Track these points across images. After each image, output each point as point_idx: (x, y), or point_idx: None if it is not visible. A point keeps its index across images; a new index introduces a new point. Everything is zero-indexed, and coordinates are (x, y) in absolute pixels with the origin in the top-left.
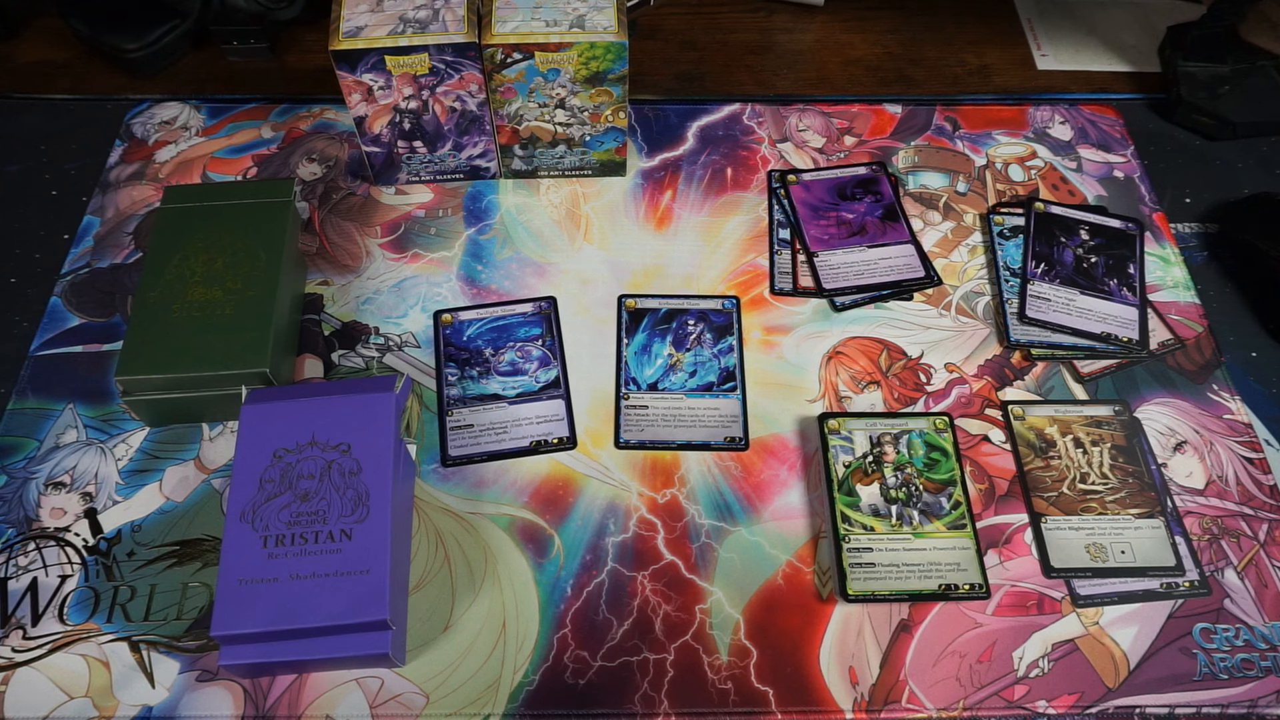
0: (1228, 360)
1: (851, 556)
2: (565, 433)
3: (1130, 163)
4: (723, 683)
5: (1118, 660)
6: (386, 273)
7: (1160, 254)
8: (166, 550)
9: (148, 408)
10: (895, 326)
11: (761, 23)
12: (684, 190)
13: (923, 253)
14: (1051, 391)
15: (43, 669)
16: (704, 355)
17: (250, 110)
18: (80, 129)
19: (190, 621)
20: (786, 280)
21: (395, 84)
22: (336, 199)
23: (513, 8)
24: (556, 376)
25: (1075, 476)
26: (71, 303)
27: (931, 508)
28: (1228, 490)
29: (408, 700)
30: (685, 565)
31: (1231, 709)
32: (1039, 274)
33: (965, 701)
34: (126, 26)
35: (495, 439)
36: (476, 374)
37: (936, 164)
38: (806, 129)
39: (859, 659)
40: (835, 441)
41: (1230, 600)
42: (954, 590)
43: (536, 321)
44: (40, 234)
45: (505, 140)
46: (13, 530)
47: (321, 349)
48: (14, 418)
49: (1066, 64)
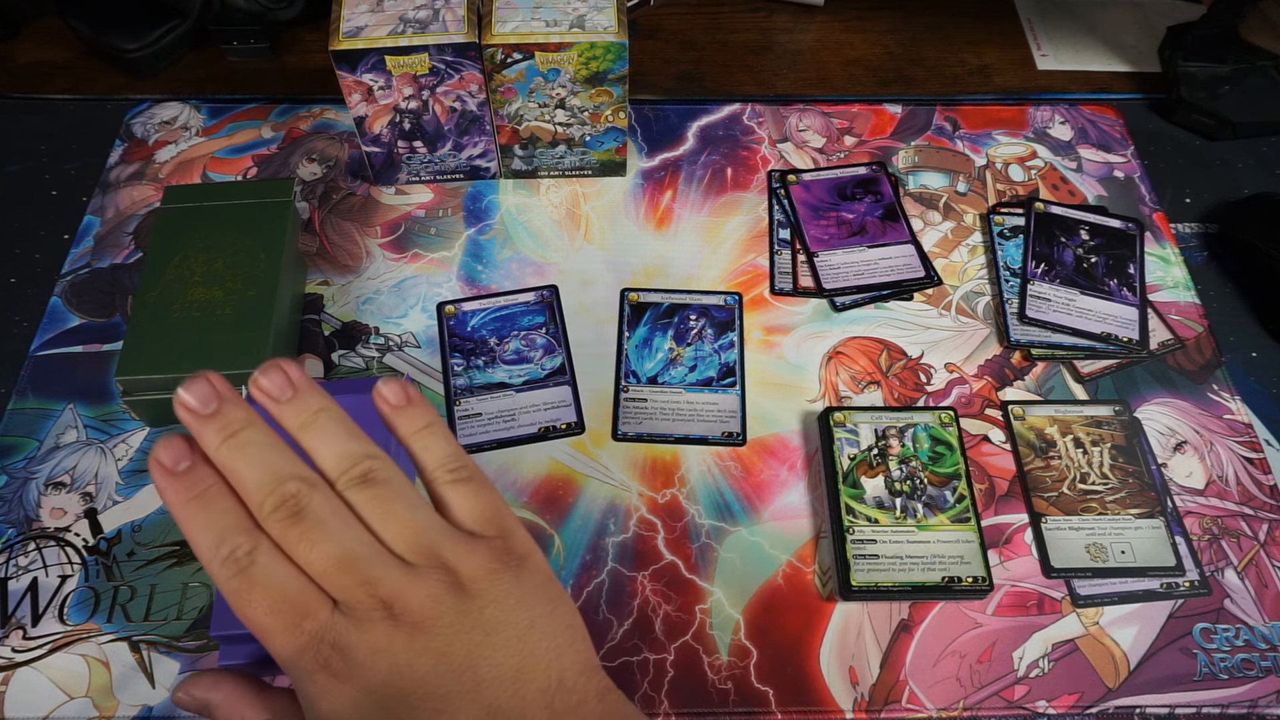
0: (1228, 360)
1: (855, 548)
2: (573, 418)
3: (1130, 163)
4: (723, 683)
5: (1118, 660)
6: (386, 273)
7: (1160, 254)
8: (167, 550)
9: (148, 408)
10: (895, 326)
11: (761, 23)
12: (684, 190)
13: (923, 253)
14: (1051, 391)
15: (43, 669)
16: (704, 350)
17: (250, 110)
18: (80, 129)
19: (190, 621)
20: (786, 280)
21: (395, 84)
22: (336, 199)
23: (513, 8)
24: (562, 363)
25: (1075, 476)
26: (71, 303)
27: (935, 501)
28: (1228, 490)
29: None
30: (685, 565)
31: (1231, 709)
32: (1039, 274)
33: (965, 701)
34: (126, 26)
35: (503, 427)
36: (482, 363)
37: (936, 164)
38: (806, 129)
39: (859, 659)
40: (841, 434)
41: (1230, 600)
42: (957, 583)
43: (540, 310)
44: (40, 234)
45: (505, 140)
46: (13, 530)
47: (321, 349)
48: (14, 418)
49: (1066, 64)
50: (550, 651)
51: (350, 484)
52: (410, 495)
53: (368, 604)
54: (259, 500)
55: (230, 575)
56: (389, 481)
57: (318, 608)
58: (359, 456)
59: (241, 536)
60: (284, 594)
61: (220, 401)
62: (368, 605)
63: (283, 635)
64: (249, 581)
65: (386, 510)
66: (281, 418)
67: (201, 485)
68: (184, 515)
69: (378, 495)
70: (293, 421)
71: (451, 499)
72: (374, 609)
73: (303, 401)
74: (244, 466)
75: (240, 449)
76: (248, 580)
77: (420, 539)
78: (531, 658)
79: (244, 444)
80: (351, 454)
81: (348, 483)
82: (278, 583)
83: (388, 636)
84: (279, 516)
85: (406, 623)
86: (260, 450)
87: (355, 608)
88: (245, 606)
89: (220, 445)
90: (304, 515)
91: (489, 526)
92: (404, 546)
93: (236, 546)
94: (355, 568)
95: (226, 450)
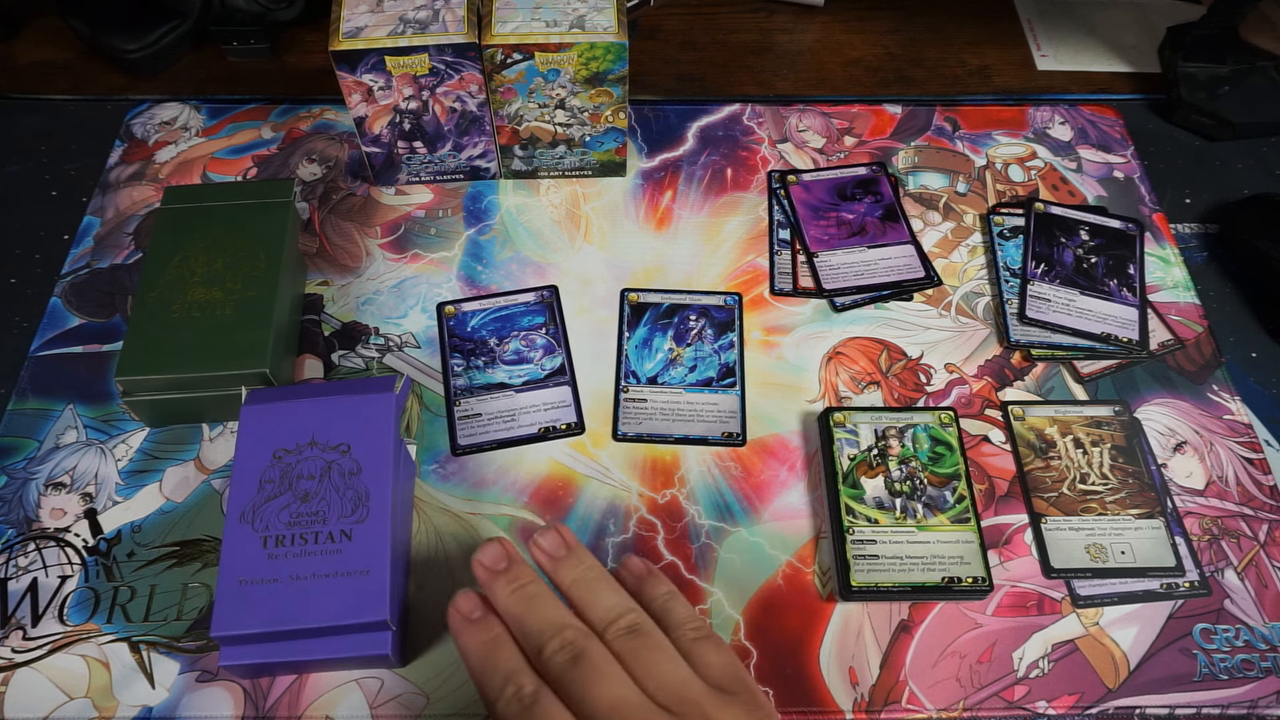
0: (1228, 360)
1: (855, 549)
2: (573, 418)
3: (1130, 163)
4: None
5: (1118, 661)
6: (386, 273)
7: (1160, 254)
8: (166, 550)
9: (148, 408)
10: (895, 327)
11: (761, 23)
12: (684, 190)
13: (923, 253)
14: (1051, 392)
15: (43, 669)
16: (704, 350)
17: (250, 110)
18: (80, 129)
19: (190, 622)
20: (786, 280)
21: (395, 84)
22: (336, 199)
23: (513, 8)
24: (562, 364)
25: (1075, 477)
26: (71, 303)
27: (935, 501)
28: (1228, 491)
29: (408, 700)
30: (685, 566)
31: (1231, 709)
32: (1039, 274)
33: (965, 702)
34: (126, 26)
35: (504, 427)
36: (482, 364)
37: (936, 164)
38: (806, 129)
39: (859, 659)
40: (840, 434)
41: (1230, 601)
42: (957, 583)
43: (540, 310)
44: (40, 234)
45: (505, 141)
46: (13, 531)
47: (321, 349)
48: (14, 418)
49: (1066, 64)
50: None
51: (618, 634)
52: (669, 650)
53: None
54: (541, 644)
55: (515, 713)
56: (651, 634)
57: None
58: (624, 610)
59: (526, 679)
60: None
61: (510, 561)
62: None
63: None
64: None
65: (652, 662)
66: (556, 574)
67: (493, 631)
68: (476, 657)
69: (644, 646)
70: (566, 577)
71: (697, 655)
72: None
73: (576, 559)
74: (529, 614)
75: (527, 599)
76: (530, 718)
77: (682, 691)
78: None
79: (529, 595)
80: (618, 607)
81: (616, 633)
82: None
83: None
84: (561, 658)
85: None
86: (544, 601)
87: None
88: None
89: (509, 596)
90: (583, 659)
91: (736, 684)
92: (668, 698)
93: (521, 687)
94: (626, 713)
95: (515, 600)
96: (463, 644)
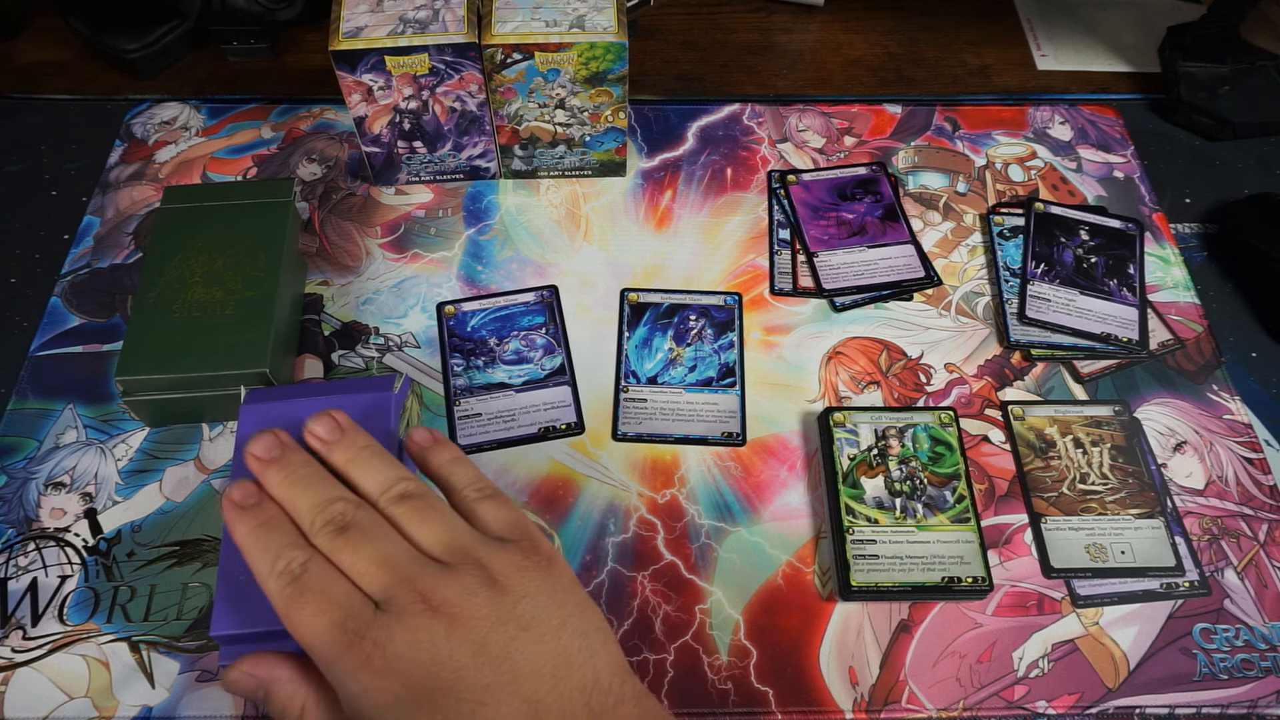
0: (1228, 360)
1: (855, 548)
2: (573, 418)
3: (1130, 163)
4: (723, 683)
5: (1118, 660)
6: (386, 273)
7: (1160, 254)
8: (166, 550)
9: (148, 408)
10: (895, 327)
11: (761, 23)
12: (684, 190)
13: (923, 253)
14: (1051, 392)
15: (43, 669)
16: (704, 350)
17: (250, 110)
18: (80, 129)
19: (190, 622)
20: (786, 280)
21: (395, 84)
22: (336, 199)
23: (513, 8)
24: (562, 364)
25: (1075, 477)
26: (71, 303)
27: (935, 501)
28: (1228, 490)
29: None
30: (685, 565)
31: (1231, 709)
32: (1039, 274)
33: (965, 702)
34: (126, 26)
35: (503, 427)
36: (482, 364)
37: (936, 164)
38: (806, 129)
39: (859, 659)
40: (840, 434)
41: (1230, 600)
42: (957, 583)
43: (539, 310)
44: (40, 234)
45: (505, 140)
46: (13, 530)
47: (321, 349)
48: (14, 418)
49: (1066, 64)
50: (584, 651)
51: (390, 501)
52: (442, 507)
53: (407, 598)
54: (310, 520)
55: (284, 585)
56: (424, 496)
57: (361, 608)
58: (397, 479)
59: (295, 551)
60: (330, 596)
61: (283, 449)
62: (407, 599)
63: (328, 635)
64: (300, 588)
65: (422, 519)
66: (330, 457)
67: (264, 516)
68: (248, 541)
69: (414, 508)
70: (340, 458)
71: (479, 513)
72: (413, 602)
73: (350, 440)
74: (299, 495)
75: (297, 482)
76: (299, 587)
77: (454, 542)
78: (566, 655)
79: (301, 478)
80: (390, 477)
81: (388, 500)
82: (325, 587)
83: (427, 629)
84: (327, 531)
85: (445, 614)
86: (313, 481)
87: (395, 603)
88: (296, 612)
89: (281, 482)
90: (349, 527)
91: (515, 532)
92: (439, 549)
93: (291, 560)
94: (395, 566)
95: (286, 485)
96: (235, 531)
